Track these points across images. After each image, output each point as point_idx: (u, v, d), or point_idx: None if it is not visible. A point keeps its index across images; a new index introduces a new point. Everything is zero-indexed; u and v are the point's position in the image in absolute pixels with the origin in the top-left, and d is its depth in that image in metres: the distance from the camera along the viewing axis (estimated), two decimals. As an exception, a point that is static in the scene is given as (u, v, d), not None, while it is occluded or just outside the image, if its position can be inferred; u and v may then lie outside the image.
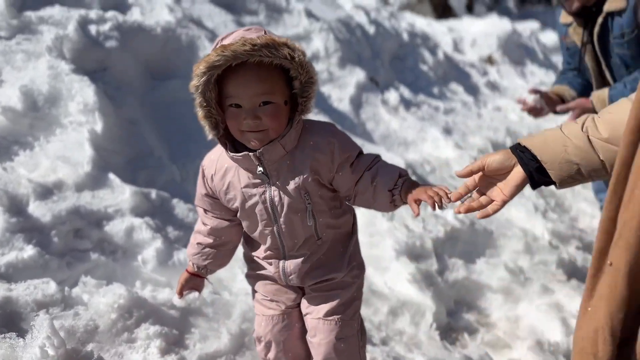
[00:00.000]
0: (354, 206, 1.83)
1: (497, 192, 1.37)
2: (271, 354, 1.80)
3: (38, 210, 2.43)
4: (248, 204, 1.64)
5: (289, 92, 1.55)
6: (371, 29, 7.36)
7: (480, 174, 1.40)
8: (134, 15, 3.82)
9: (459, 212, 1.42)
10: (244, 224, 1.72)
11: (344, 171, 1.64)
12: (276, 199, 1.61)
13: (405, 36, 8.26)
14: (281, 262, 1.73)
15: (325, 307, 1.75)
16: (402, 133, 5.32)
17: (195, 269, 1.85)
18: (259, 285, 1.78)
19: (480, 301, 3.31)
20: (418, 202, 1.55)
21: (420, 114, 5.85)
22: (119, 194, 2.65)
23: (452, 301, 3.27)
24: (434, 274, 3.25)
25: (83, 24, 3.45)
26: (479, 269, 3.44)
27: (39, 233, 2.37)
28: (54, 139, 2.78)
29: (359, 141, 4.90)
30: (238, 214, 1.70)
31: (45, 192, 2.51)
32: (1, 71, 2.99)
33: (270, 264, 1.75)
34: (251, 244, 1.80)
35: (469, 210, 1.40)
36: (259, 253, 1.76)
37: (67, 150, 2.73)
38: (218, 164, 1.66)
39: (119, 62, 3.47)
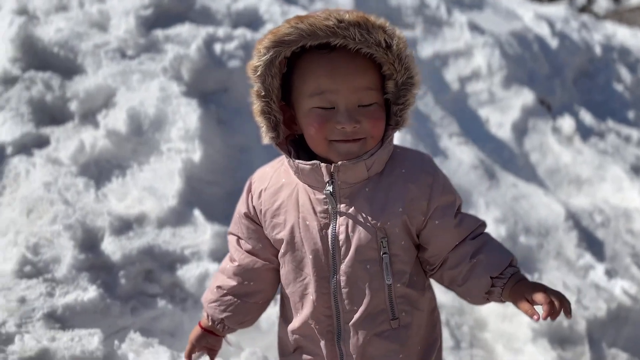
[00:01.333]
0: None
1: None
2: None
3: (110, 246, 2.26)
4: (299, 236, 1.23)
5: (383, 96, 1.19)
6: (554, 42, 6.46)
7: None
8: (265, 32, 3.61)
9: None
10: (284, 270, 1.29)
11: (442, 221, 1.23)
12: (341, 236, 1.20)
13: (597, 50, 7.15)
14: (335, 342, 1.26)
15: None
16: (574, 169, 4.44)
17: (210, 323, 1.44)
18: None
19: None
20: (532, 303, 1.15)
21: (602, 145, 4.87)
22: (200, 234, 2.40)
23: (607, 406, 2.50)
24: (583, 368, 2.51)
25: (208, 42, 3.31)
26: (650, 367, 2.61)
27: (106, 273, 2.20)
28: (147, 168, 2.62)
29: (519, 175, 4.16)
30: (280, 252, 1.28)
31: (123, 227, 2.34)
32: (115, 92, 2.93)
33: (317, 345, 1.28)
34: (289, 312, 1.34)
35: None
36: (298, 326, 1.29)
37: (157, 180, 2.56)
38: (273, 179, 1.30)
39: (241, 83, 3.26)
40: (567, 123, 4.84)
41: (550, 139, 4.65)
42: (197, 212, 2.48)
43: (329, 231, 1.22)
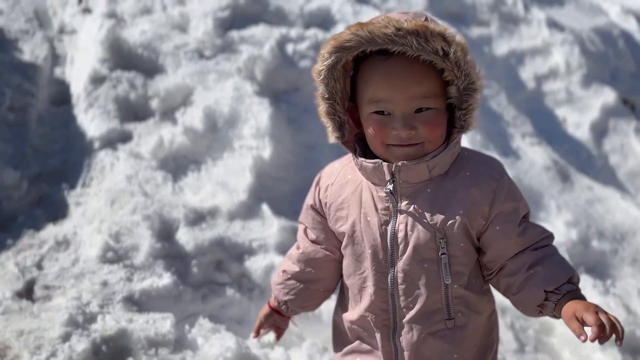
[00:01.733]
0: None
1: None
2: None
3: (185, 236, 2.41)
4: (359, 231, 1.29)
5: (445, 100, 1.23)
6: (642, 38, 6.13)
7: None
8: (337, 32, 3.67)
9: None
10: (345, 262, 1.36)
11: (504, 227, 1.24)
12: (400, 234, 1.25)
13: (692, 45, 6.71)
14: (390, 336, 1.31)
15: None
16: (658, 172, 4.22)
17: (275, 303, 1.56)
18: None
19: None
20: (582, 322, 1.14)
21: (691, 148, 4.59)
22: (268, 227, 2.50)
23: (681, 422, 2.39)
24: (656, 380, 2.41)
25: (281, 42, 3.42)
26: None
27: (180, 261, 2.35)
28: (221, 163, 2.76)
29: (596, 178, 4.01)
30: (342, 244, 1.35)
31: (196, 219, 2.48)
32: (193, 91, 3.09)
33: (373, 337, 1.33)
34: (348, 302, 1.40)
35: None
36: (357, 317, 1.35)
37: (229, 175, 2.69)
38: (340, 175, 1.37)
39: (311, 83, 3.33)
40: (652, 124, 4.59)
41: (633, 140, 4.44)
42: (265, 207, 2.59)
43: (389, 228, 1.27)
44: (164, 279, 2.24)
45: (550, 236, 1.32)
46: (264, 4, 3.71)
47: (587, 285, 2.61)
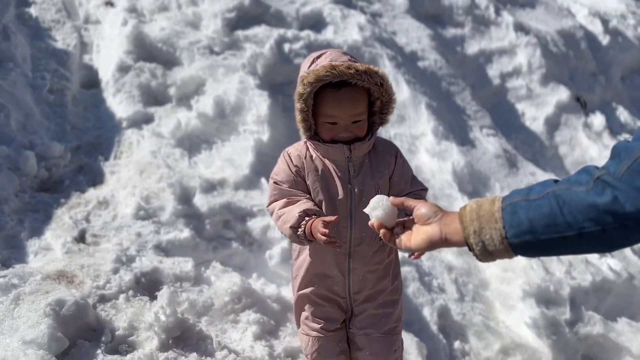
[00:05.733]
0: None
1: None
2: None
3: (200, 201, 3.06)
4: (328, 188, 1.85)
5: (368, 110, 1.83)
6: (605, 40, 6.75)
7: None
8: (327, 34, 4.29)
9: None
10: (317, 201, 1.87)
11: (401, 176, 1.91)
12: (356, 189, 1.85)
13: (651, 47, 7.36)
14: (347, 251, 1.91)
15: (383, 325, 1.98)
16: (599, 162, 4.90)
17: (310, 218, 1.78)
18: (308, 306, 2.05)
19: (615, 363, 3.09)
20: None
21: (632, 142, 5.27)
22: (265, 196, 3.15)
23: (578, 355, 3.11)
24: (561, 323, 3.11)
25: (280, 42, 4.04)
26: (620, 328, 3.17)
27: (196, 220, 3.00)
28: (228, 144, 3.40)
29: (547, 165, 4.70)
30: (313, 195, 1.87)
31: (209, 187, 3.13)
32: (205, 82, 3.71)
33: (334, 262, 1.90)
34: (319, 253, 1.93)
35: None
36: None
37: (235, 153, 3.33)
38: (302, 152, 1.90)
39: (303, 77, 3.98)
40: (598, 119, 5.27)
41: (581, 134, 5.11)
42: (263, 180, 3.24)
43: (348, 186, 1.88)
44: (184, 233, 2.89)
45: (426, 189, 1.98)
46: (265, 6, 4.31)
47: (516, 251, 3.30)
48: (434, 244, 1.32)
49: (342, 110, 1.75)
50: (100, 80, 3.98)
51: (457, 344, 2.91)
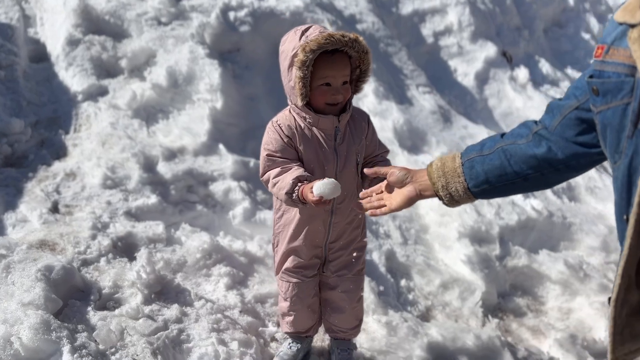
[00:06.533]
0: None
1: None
2: (295, 311, 2.33)
3: (163, 168, 3.27)
4: (318, 155, 2.07)
5: None
6: (529, -5, 7.18)
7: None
8: (270, 2, 4.47)
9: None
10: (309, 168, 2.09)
11: (372, 140, 2.17)
12: (341, 154, 2.09)
13: (571, 0, 7.87)
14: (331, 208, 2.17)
15: (354, 267, 2.28)
16: (524, 112, 5.38)
17: (302, 183, 1.92)
18: (293, 257, 2.26)
19: (537, 289, 3.58)
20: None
21: (553, 92, 5.78)
22: (224, 161, 3.40)
23: (507, 285, 3.58)
24: (492, 258, 3.56)
25: (225, 10, 4.20)
26: (541, 259, 3.66)
27: (162, 186, 3.22)
28: (184, 113, 3.60)
29: (478, 118, 5.13)
30: (305, 161, 2.09)
31: (171, 155, 3.35)
32: (156, 53, 3.86)
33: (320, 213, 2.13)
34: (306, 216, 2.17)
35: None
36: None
37: (192, 122, 3.54)
38: (291, 121, 2.08)
39: (250, 44, 4.18)
40: (522, 73, 5.73)
41: (507, 87, 5.56)
42: (221, 146, 3.48)
43: (335, 151, 2.12)
44: (152, 199, 3.11)
45: (388, 151, 2.28)
46: (208, -25, 4.42)
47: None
48: (412, 201, 1.65)
49: (336, 70, 1.95)
50: (50, 54, 4.04)
51: (403, 282, 3.30)
